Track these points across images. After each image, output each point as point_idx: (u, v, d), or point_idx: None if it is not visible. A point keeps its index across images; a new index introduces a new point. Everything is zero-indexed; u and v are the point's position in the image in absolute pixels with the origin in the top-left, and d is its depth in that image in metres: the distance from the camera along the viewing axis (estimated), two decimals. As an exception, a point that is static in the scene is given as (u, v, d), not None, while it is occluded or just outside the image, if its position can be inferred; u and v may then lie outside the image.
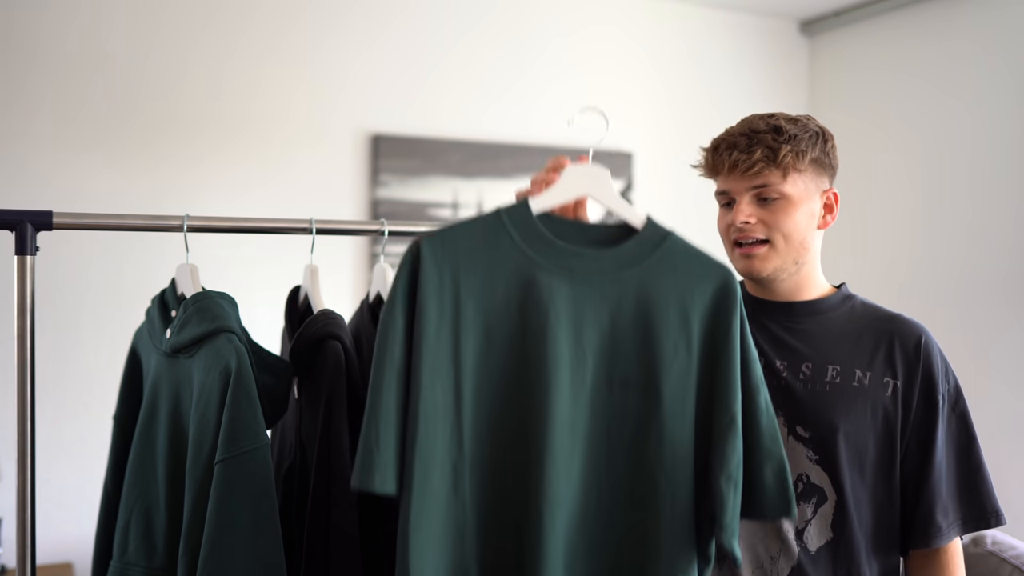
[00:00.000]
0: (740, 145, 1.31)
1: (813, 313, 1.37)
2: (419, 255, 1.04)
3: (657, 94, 3.70)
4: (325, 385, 1.29)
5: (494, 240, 1.06)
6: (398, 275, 1.05)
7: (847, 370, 1.32)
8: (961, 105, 3.34)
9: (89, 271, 2.83)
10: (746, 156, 1.29)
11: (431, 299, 1.03)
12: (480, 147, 3.33)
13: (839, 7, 3.74)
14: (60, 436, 2.74)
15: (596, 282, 1.06)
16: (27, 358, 1.26)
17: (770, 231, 1.31)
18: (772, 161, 1.29)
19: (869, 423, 1.30)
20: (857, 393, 1.31)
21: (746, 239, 1.32)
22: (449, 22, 3.32)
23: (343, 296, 3.07)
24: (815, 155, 1.32)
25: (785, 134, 1.30)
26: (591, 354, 1.06)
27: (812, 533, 1.31)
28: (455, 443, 1.04)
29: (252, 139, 3.03)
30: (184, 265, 1.37)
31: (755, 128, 1.32)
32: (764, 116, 1.35)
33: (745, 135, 1.31)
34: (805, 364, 1.34)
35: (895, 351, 1.33)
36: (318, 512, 1.27)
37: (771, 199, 1.31)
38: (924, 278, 3.43)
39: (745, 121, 1.35)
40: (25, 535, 1.24)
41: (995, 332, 3.18)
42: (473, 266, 1.05)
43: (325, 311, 1.37)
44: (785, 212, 1.30)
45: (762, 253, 1.32)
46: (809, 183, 1.32)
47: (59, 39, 2.80)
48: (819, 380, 1.32)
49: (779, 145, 1.29)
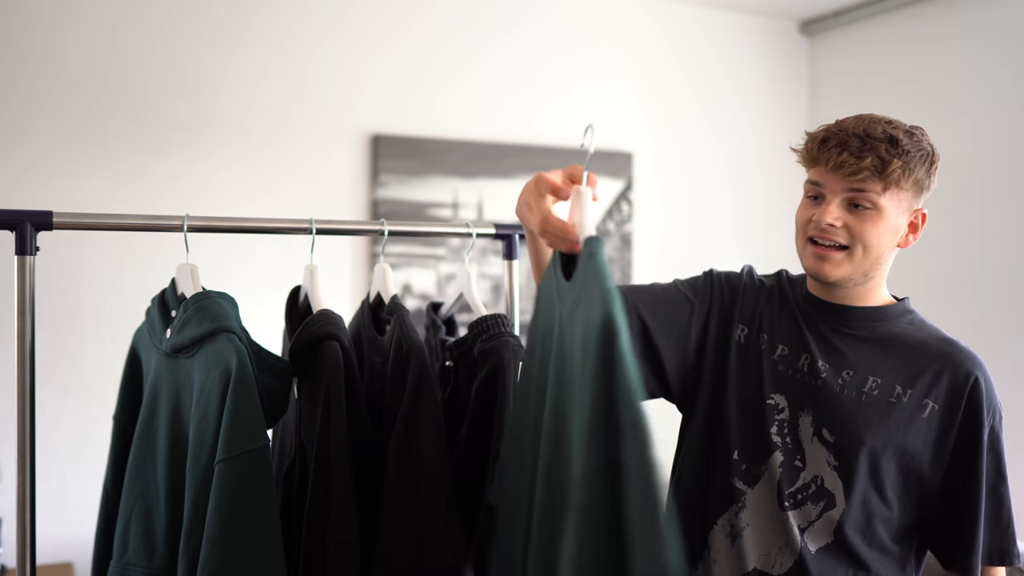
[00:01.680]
0: (852, 146, 1.25)
1: (868, 321, 1.34)
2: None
3: (657, 94, 3.70)
4: (323, 385, 1.29)
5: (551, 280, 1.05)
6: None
7: (887, 384, 1.30)
8: (961, 105, 3.34)
9: (89, 271, 2.83)
10: (855, 160, 1.24)
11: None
12: (480, 147, 3.33)
13: (839, 7, 3.74)
14: (60, 436, 2.74)
15: (567, 313, 0.98)
16: (27, 358, 1.26)
17: (852, 239, 1.27)
18: (879, 173, 1.24)
19: (898, 441, 1.28)
20: (893, 409, 1.29)
21: (825, 240, 1.28)
22: (449, 22, 3.32)
23: (343, 296, 3.07)
24: (919, 175, 1.28)
25: (900, 147, 1.25)
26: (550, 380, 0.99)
27: (813, 534, 1.31)
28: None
29: (252, 139, 3.03)
30: (184, 265, 1.37)
31: (871, 133, 1.26)
32: (882, 120, 1.29)
33: (859, 137, 1.25)
34: (847, 371, 1.32)
35: (943, 376, 1.29)
36: (316, 512, 1.27)
37: (863, 207, 1.26)
38: (925, 278, 3.43)
39: (861, 120, 1.29)
40: (25, 535, 1.24)
41: (996, 333, 3.18)
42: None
43: (324, 311, 1.37)
44: (873, 223, 1.27)
45: (837, 259, 1.28)
46: (904, 201, 1.28)
47: (59, 40, 2.80)
48: (856, 388, 1.30)
49: (891, 158, 1.24)
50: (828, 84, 3.91)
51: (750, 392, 1.36)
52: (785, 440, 1.34)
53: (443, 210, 3.29)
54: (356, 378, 1.35)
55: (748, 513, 1.34)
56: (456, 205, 3.30)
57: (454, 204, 3.29)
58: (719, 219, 3.74)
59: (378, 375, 1.43)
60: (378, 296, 1.54)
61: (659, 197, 3.63)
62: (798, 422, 1.33)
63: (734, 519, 1.35)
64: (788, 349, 1.37)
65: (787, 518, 1.31)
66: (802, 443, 1.33)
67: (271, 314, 1.96)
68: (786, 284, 1.45)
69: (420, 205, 3.25)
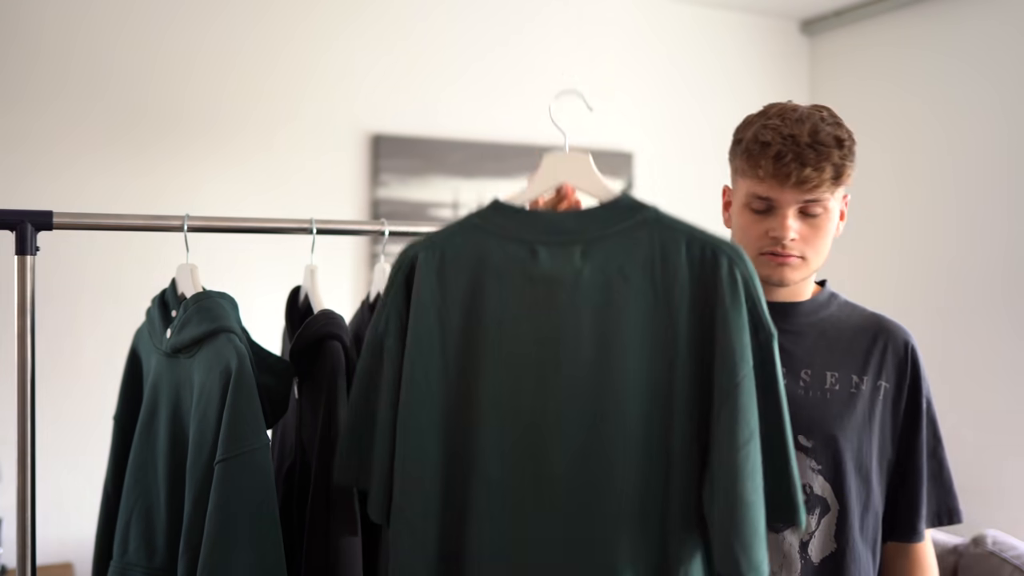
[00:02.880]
0: (809, 160, 1.20)
1: (806, 315, 1.34)
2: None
3: (657, 94, 3.70)
4: (324, 385, 1.29)
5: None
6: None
7: (845, 376, 1.30)
8: (962, 104, 3.34)
9: (89, 271, 2.82)
10: (816, 173, 1.20)
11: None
12: (480, 147, 3.33)
13: (839, 7, 3.74)
14: (60, 436, 2.74)
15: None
16: (27, 358, 1.26)
17: (807, 248, 1.26)
18: (837, 180, 1.22)
19: (866, 429, 1.29)
20: (856, 399, 1.29)
21: (785, 252, 1.25)
22: (450, 22, 3.32)
23: (343, 296, 3.07)
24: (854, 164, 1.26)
25: (845, 147, 1.22)
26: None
27: (816, 545, 1.28)
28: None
29: (253, 139, 3.03)
30: (184, 265, 1.37)
31: (820, 139, 1.21)
32: (815, 118, 1.23)
33: (812, 147, 1.20)
34: (804, 371, 1.31)
35: (887, 355, 1.31)
36: (318, 512, 1.27)
37: (815, 214, 1.25)
38: (925, 278, 3.43)
39: (801, 123, 1.22)
40: (25, 535, 1.24)
41: (994, 332, 3.18)
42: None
43: (325, 311, 1.37)
44: (824, 228, 1.26)
45: (795, 263, 1.27)
46: (840, 192, 1.28)
47: (60, 40, 2.80)
48: (819, 387, 1.30)
49: (843, 163, 1.22)
50: (828, 84, 3.91)
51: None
52: None
53: (443, 210, 3.29)
54: (356, 378, 1.35)
55: None
56: (456, 205, 3.30)
57: (454, 204, 3.29)
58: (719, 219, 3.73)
59: (378, 375, 1.43)
60: (378, 296, 1.54)
61: (659, 197, 3.63)
62: None
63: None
64: None
65: (782, 539, 1.28)
66: None
67: (271, 314, 1.96)
68: None
69: (420, 205, 3.24)
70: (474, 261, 1.03)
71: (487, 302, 1.02)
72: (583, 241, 1.01)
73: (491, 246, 1.03)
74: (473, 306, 1.02)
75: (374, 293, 1.55)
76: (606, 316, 0.99)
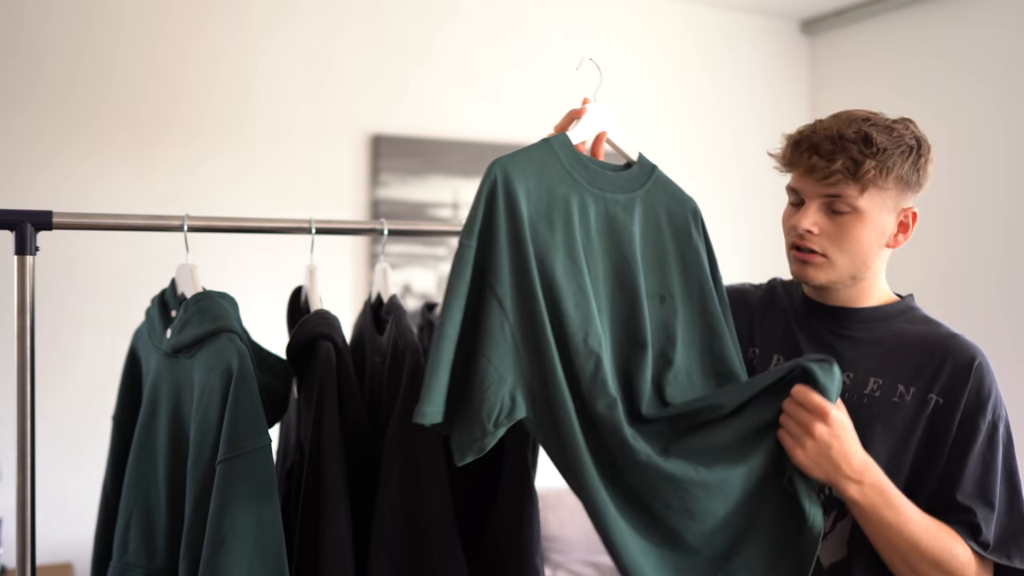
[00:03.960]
0: (823, 149, 1.21)
1: (867, 321, 1.30)
2: (496, 181, 1.17)
3: (657, 93, 3.70)
4: (316, 385, 1.29)
5: (548, 163, 1.22)
6: (476, 201, 1.16)
7: (889, 384, 1.25)
8: (962, 104, 3.34)
9: (89, 271, 2.82)
10: (825, 163, 1.20)
11: (514, 223, 1.16)
12: (480, 147, 3.33)
13: (840, 7, 3.74)
14: (60, 436, 2.74)
15: (620, 201, 1.25)
16: (27, 358, 1.25)
17: (830, 246, 1.24)
18: (852, 174, 1.19)
19: (902, 442, 1.23)
20: (896, 409, 1.24)
21: (805, 246, 1.25)
22: (450, 22, 3.32)
23: (343, 296, 3.07)
24: (902, 172, 1.22)
25: (874, 146, 1.19)
26: (638, 268, 1.23)
27: (827, 548, 1.25)
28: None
29: (252, 139, 3.03)
30: (184, 265, 1.36)
31: (843, 133, 1.21)
32: (858, 119, 1.23)
33: (831, 139, 1.21)
34: (847, 374, 1.27)
35: (944, 367, 1.24)
36: (309, 511, 1.27)
37: (842, 212, 1.22)
38: (926, 278, 3.44)
39: (837, 118, 1.25)
40: (25, 535, 1.24)
41: (992, 333, 3.18)
42: (537, 187, 1.19)
43: (320, 311, 1.37)
44: (853, 228, 1.23)
45: (818, 262, 1.25)
46: (888, 200, 1.23)
47: (60, 41, 2.80)
48: (857, 392, 1.26)
49: (864, 159, 1.19)
50: (829, 84, 3.91)
51: None
52: None
53: (443, 210, 3.29)
54: (350, 378, 1.35)
55: None
56: (456, 205, 3.30)
57: (454, 204, 3.29)
58: (719, 219, 3.73)
59: (378, 375, 1.43)
60: (379, 296, 1.54)
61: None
62: None
63: None
64: (784, 359, 1.34)
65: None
66: None
67: (271, 314, 1.96)
68: (779, 290, 1.43)
69: (420, 205, 3.24)
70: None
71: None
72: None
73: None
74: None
75: (375, 293, 1.55)
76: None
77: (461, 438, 1.11)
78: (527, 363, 1.13)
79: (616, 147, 1.34)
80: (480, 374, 1.11)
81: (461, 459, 1.12)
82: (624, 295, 1.22)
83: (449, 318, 1.11)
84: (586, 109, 1.30)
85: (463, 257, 1.13)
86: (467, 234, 1.14)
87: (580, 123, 1.30)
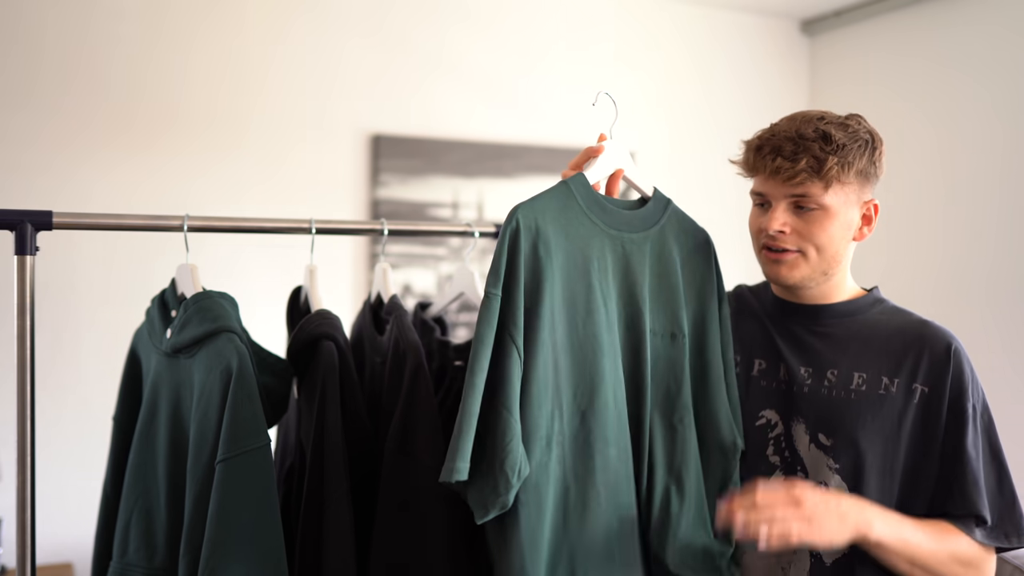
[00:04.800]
0: (785, 151, 1.24)
1: (840, 316, 1.34)
2: (518, 227, 1.17)
3: (657, 94, 3.70)
4: (318, 385, 1.29)
5: (567, 206, 1.23)
6: (499, 248, 1.17)
7: (874, 377, 1.28)
8: (963, 104, 3.34)
9: (89, 271, 2.82)
10: (790, 164, 1.23)
11: (535, 270, 1.17)
12: (480, 147, 3.33)
13: (840, 7, 3.74)
14: (60, 436, 2.74)
15: (636, 240, 1.27)
16: (27, 358, 1.25)
17: (803, 242, 1.27)
18: (816, 172, 1.23)
19: (894, 433, 1.26)
20: (883, 401, 1.27)
21: (777, 246, 1.29)
22: (451, 22, 3.32)
23: (343, 296, 3.07)
24: (862, 165, 1.26)
25: (834, 143, 1.23)
26: (646, 308, 1.25)
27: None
28: (556, 405, 1.18)
29: (252, 139, 3.03)
30: (184, 265, 1.37)
31: (803, 133, 1.24)
32: (813, 118, 1.27)
33: (791, 140, 1.24)
34: (831, 371, 1.30)
35: (923, 356, 1.27)
36: (311, 511, 1.27)
37: (809, 209, 1.26)
38: (927, 278, 3.43)
39: (792, 120, 1.28)
40: (25, 535, 1.24)
41: (983, 335, 3.18)
42: (556, 233, 1.20)
43: (321, 311, 1.37)
44: (821, 224, 1.26)
45: (791, 260, 1.29)
46: (851, 194, 1.27)
47: (61, 42, 2.80)
48: (844, 387, 1.29)
49: (826, 156, 1.22)
50: (829, 84, 3.91)
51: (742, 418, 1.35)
52: (784, 455, 1.32)
53: (443, 210, 3.29)
54: (352, 378, 1.35)
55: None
56: (456, 205, 3.30)
57: (454, 204, 3.29)
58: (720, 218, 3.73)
59: (378, 375, 1.43)
60: (378, 296, 1.54)
61: (659, 197, 3.63)
62: (792, 433, 1.32)
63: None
64: (765, 362, 1.37)
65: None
66: (799, 452, 1.31)
67: (271, 314, 1.96)
68: (746, 295, 1.46)
69: (420, 205, 3.24)
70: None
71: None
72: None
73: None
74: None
75: (375, 293, 1.55)
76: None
77: (483, 495, 1.11)
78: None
79: (632, 183, 1.34)
80: (502, 426, 1.10)
81: (484, 516, 1.11)
82: (633, 337, 1.24)
83: (478, 368, 1.11)
84: (603, 148, 1.31)
85: (489, 307, 1.14)
86: (492, 283, 1.15)
87: (597, 162, 1.30)
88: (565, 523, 1.16)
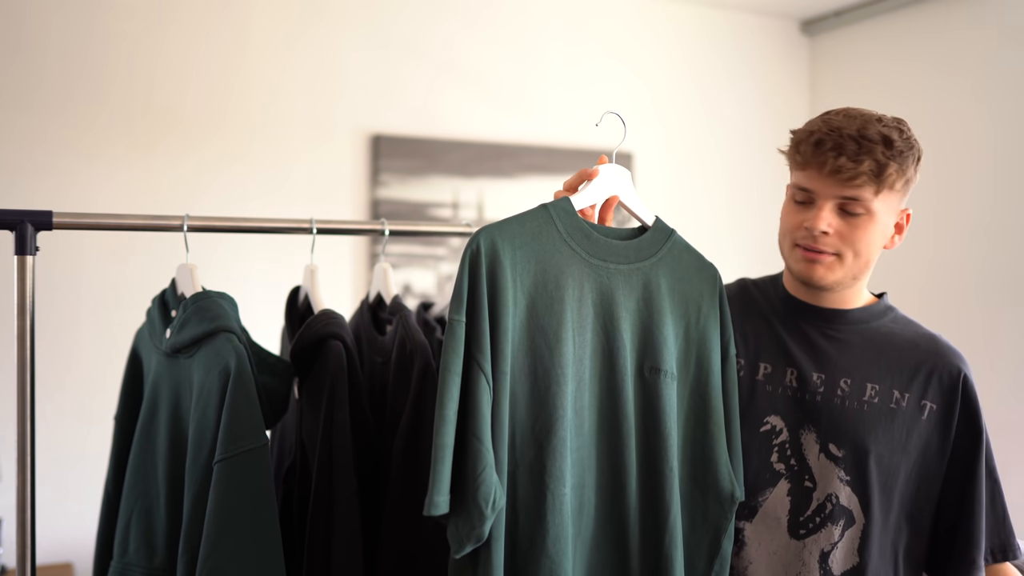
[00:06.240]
0: (848, 150, 1.18)
1: (855, 323, 1.31)
2: (478, 251, 1.11)
3: (657, 94, 3.70)
4: (327, 385, 1.29)
5: (542, 231, 1.16)
6: (460, 272, 1.11)
7: (885, 390, 1.27)
8: (963, 104, 3.34)
9: (89, 271, 2.82)
10: (852, 164, 1.18)
11: (495, 295, 1.11)
12: (480, 147, 3.33)
13: (840, 7, 3.74)
14: (60, 436, 2.74)
15: (623, 271, 1.19)
16: (27, 358, 1.25)
17: (843, 245, 1.23)
18: (876, 177, 1.19)
19: (902, 446, 1.25)
20: (894, 415, 1.26)
21: (817, 247, 1.24)
22: (450, 22, 3.32)
23: (343, 296, 3.07)
24: (911, 174, 1.23)
25: (894, 148, 1.19)
26: (627, 342, 1.17)
27: (838, 557, 1.26)
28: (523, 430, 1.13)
29: (252, 139, 3.03)
30: (184, 265, 1.37)
31: (866, 135, 1.19)
32: (872, 119, 1.22)
33: (855, 140, 1.19)
34: (844, 379, 1.28)
35: (934, 375, 1.27)
36: (320, 512, 1.27)
37: (855, 213, 1.22)
38: (928, 277, 3.43)
39: (851, 118, 1.22)
40: (25, 535, 1.24)
41: (970, 336, 3.18)
42: (526, 257, 1.13)
43: (326, 311, 1.37)
44: (865, 229, 1.22)
45: (828, 262, 1.24)
46: (894, 202, 1.24)
47: (61, 41, 2.80)
48: (857, 398, 1.27)
49: (887, 161, 1.18)
50: (829, 84, 3.91)
51: (742, 423, 1.30)
52: (790, 464, 1.29)
53: (443, 210, 3.29)
54: (359, 378, 1.35)
55: (750, 550, 1.29)
56: (456, 205, 3.30)
57: (454, 204, 3.29)
58: (719, 218, 3.74)
59: (379, 375, 1.43)
60: (378, 296, 1.54)
61: (659, 197, 3.63)
62: (800, 440, 1.29)
63: (735, 561, 1.29)
64: (771, 366, 1.32)
65: (803, 546, 1.25)
66: (808, 461, 1.28)
67: (271, 314, 1.96)
68: (752, 290, 1.40)
69: (420, 205, 3.24)
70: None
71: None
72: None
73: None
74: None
75: (374, 293, 1.55)
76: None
77: (458, 528, 1.07)
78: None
79: (630, 211, 1.25)
80: (472, 456, 1.06)
81: (459, 550, 1.07)
82: (611, 373, 1.17)
83: (448, 398, 1.06)
84: (598, 171, 1.22)
85: (454, 333, 1.08)
86: (455, 308, 1.10)
87: (590, 186, 1.22)
88: (513, 559, 1.11)
